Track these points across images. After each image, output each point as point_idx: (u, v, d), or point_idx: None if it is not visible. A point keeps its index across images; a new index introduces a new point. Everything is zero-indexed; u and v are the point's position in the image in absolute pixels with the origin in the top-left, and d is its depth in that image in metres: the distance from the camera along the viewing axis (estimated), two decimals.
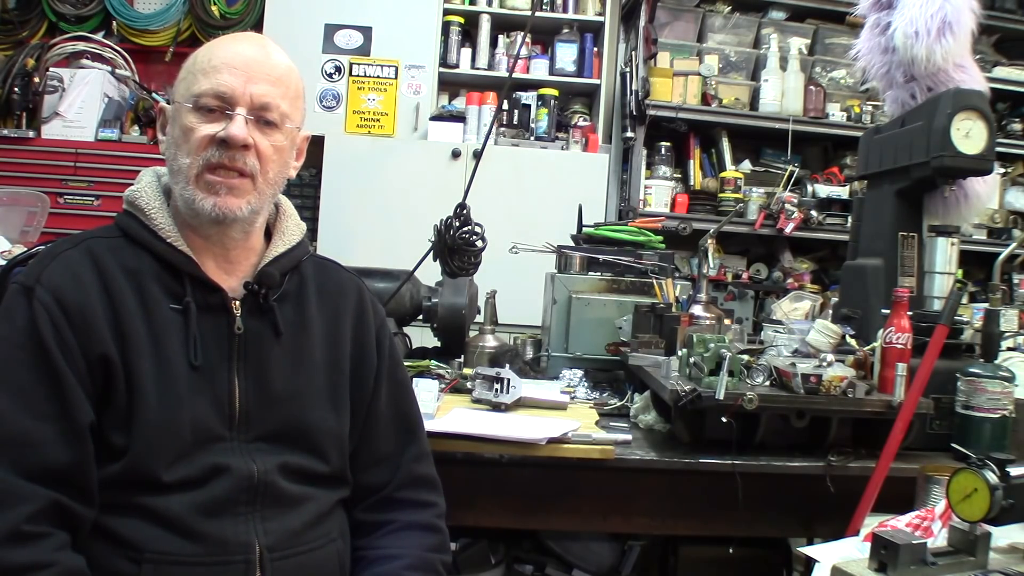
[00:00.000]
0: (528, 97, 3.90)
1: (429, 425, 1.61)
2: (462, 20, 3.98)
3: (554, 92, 3.93)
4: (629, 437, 1.65)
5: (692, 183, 4.01)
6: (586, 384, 2.05)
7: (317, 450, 1.17)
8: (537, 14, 3.93)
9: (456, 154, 3.68)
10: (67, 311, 1.03)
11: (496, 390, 1.80)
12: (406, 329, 2.43)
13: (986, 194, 2.04)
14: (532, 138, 3.87)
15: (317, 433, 1.17)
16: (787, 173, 3.87)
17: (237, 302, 1.15)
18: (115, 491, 1.03)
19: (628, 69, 3.89)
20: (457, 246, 2.18)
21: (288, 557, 1.10)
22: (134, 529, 1.02)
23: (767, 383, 1.61)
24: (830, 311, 2.19)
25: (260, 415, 1.13)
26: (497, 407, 1.79)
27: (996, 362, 1.74)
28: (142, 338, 1.06)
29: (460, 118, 3.84)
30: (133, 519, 1.03)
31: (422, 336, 2.63)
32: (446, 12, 3.96)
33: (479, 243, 2.20)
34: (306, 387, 1.18)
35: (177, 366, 1.08)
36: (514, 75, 3.69)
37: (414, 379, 1.85)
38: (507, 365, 1.95)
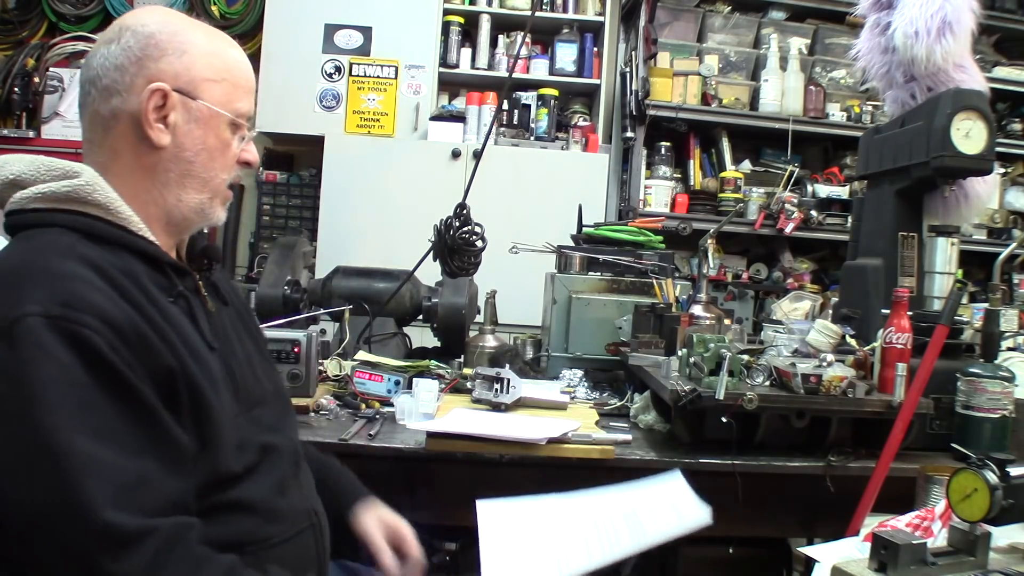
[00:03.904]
0: (528, 97, 3.90)
1: (429, 425, 1.61)
2: (462, 20, 3.98)
3: (554, 92, 3.93)
4: (629, 437, 1.65)
5: (692, 183, 4.01)
6: (586, 384, 2.06)
7: (291, 410, 1.22)
8: (537, 14, 3.94)
9: (456, 154, 3.68)
10: (119, 330, 0.91)
11: (496, 390, 1.80)
12: (406, 329, 2.44)
13: (986, 194, 2.04)
14: (532, 138, 3.87)
15: (287, 394, 1.24)
16: (787, 173, 3.87)
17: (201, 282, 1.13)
18: (202, 496, 0.98)
19: (628, 69, 3.89)
20: (457, 246, 2.18)
21: (322, 514, 1.15)
22: (226, 526, 1.00)
23: (767, 383, 1.61)
24: (830, 311, 2.19)
25: (248, 386, 1.11)
26: (497, 407, 1.79)
27: (996, 362, 1.74)
28: (175, 336, 0.99)
29: (460, 118, 3.85)
30: (223, 517, 1.00)
31: (422, 336, 2.63)
32: (446, 12, 3.96)
33: (479, 243, 2.21)
34: (258, 353, 1.19)
35: (205, 355, 1.03)
36: (514, 75, 3.69)
37: (414, 379, 1.86)
38: (507, 365, 1.95)
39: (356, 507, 1.29)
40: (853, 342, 1.81)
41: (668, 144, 3.96)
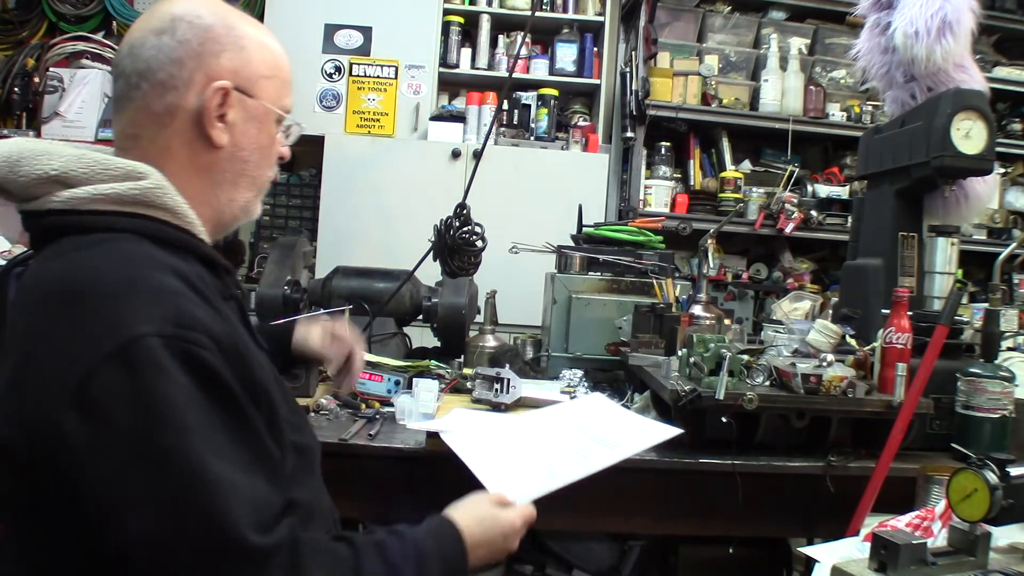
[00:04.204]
0: (528, 97, 3.90)
1: (429, 425, 1.61)
2: (462, 20, 3.98)
3: (554, 92, 3.93)
4: None
5: (692, 183, 4.01)
6: (586, 384, 2.05)
7: (300, 408, 1.19)
8: (537, 14, 3.93)
9: (456, 154, 3.68)
10: (222, 346, 0.88)
11: (496, 390, 1.80)
12: (406, 329, 2.44)
13: (986, 194, 2.04)
14: (532, 138, 3.87)
15: (290, 391, 1.18)
16: (787, 173, 3.87)
17: None
18: None
19: (628, 69, 3.89)
20: (457, 246, 2.18)
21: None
22: None
23: (767, 383, 1.61)
24: (830, 311, 2.20)
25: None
26: (497, 407, 1.79)
27: (996, 362, 1.74)
28: (247, 345, 0.94)
29: (460, 118, 3.84)
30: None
31: (422, 336, 2.63)
32: (446, 12, 3.96)
33: (479, 243, 2.21)
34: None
35: (262, 358, 0.99)
36: (514, 75, 3.68)
37: (414, 379, 1.86)
38: (507, 365, 1.95)
39: (296, 328, 1.44)
40: (853, 342, 1.81)
41: (668, 144, 3.96)
